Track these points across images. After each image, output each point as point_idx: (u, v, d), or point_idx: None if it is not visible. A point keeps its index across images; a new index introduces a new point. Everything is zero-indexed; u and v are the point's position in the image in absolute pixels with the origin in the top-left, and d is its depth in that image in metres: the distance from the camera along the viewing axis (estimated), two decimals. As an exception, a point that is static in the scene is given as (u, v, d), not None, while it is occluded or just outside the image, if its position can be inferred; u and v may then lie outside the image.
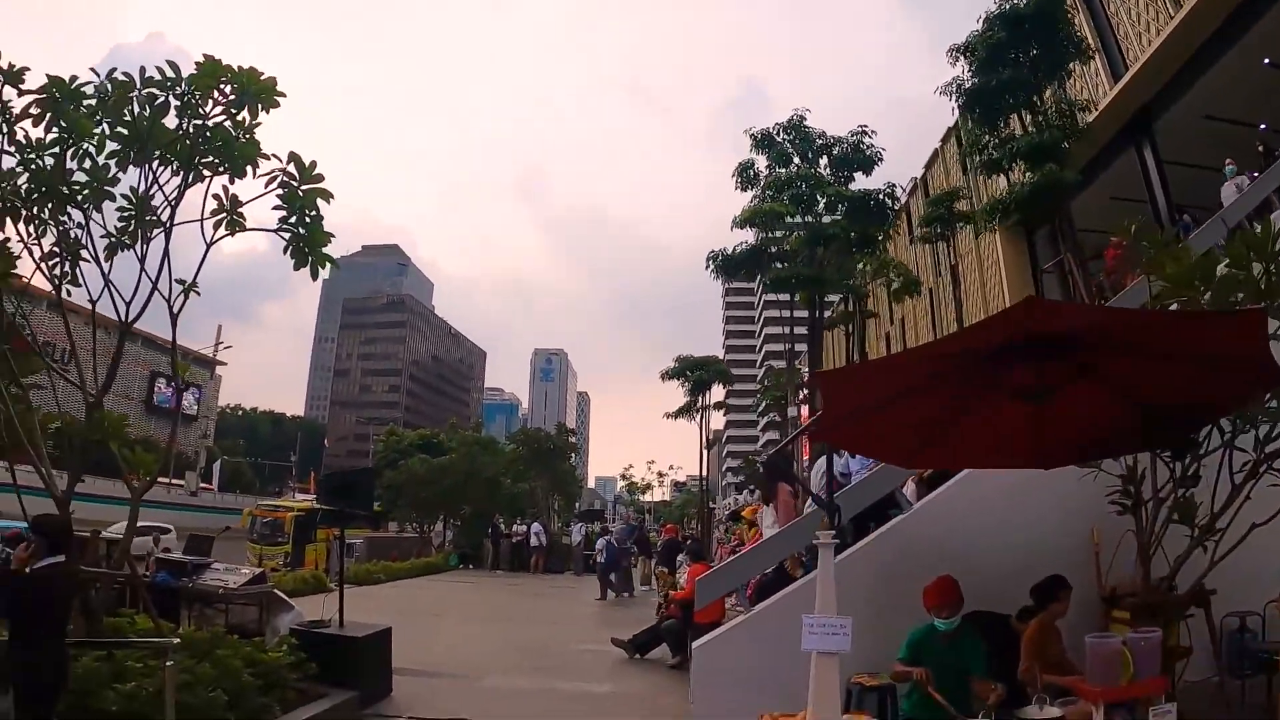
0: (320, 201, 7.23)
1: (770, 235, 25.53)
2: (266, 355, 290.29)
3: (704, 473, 50.71)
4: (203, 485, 75.56)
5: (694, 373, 39.25)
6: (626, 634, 11.87)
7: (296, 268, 7.26)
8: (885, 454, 6.64)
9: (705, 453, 48.30)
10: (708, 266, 26.17)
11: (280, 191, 7.21)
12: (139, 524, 7.66)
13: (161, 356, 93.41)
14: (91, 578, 7.00)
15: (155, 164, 7.19)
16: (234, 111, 6.97)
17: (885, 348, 42.94)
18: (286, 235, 7.26)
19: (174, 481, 71.58)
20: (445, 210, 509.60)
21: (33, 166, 7.11)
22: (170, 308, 7.35)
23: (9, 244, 7.65)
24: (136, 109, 6.97)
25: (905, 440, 5.37)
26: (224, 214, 7.31)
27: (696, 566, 11.31)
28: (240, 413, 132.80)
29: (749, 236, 26.06)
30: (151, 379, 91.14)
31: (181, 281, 7.36)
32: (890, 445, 5.71)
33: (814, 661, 5.00)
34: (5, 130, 6.99)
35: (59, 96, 6.81)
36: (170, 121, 7.06)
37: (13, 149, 7.08)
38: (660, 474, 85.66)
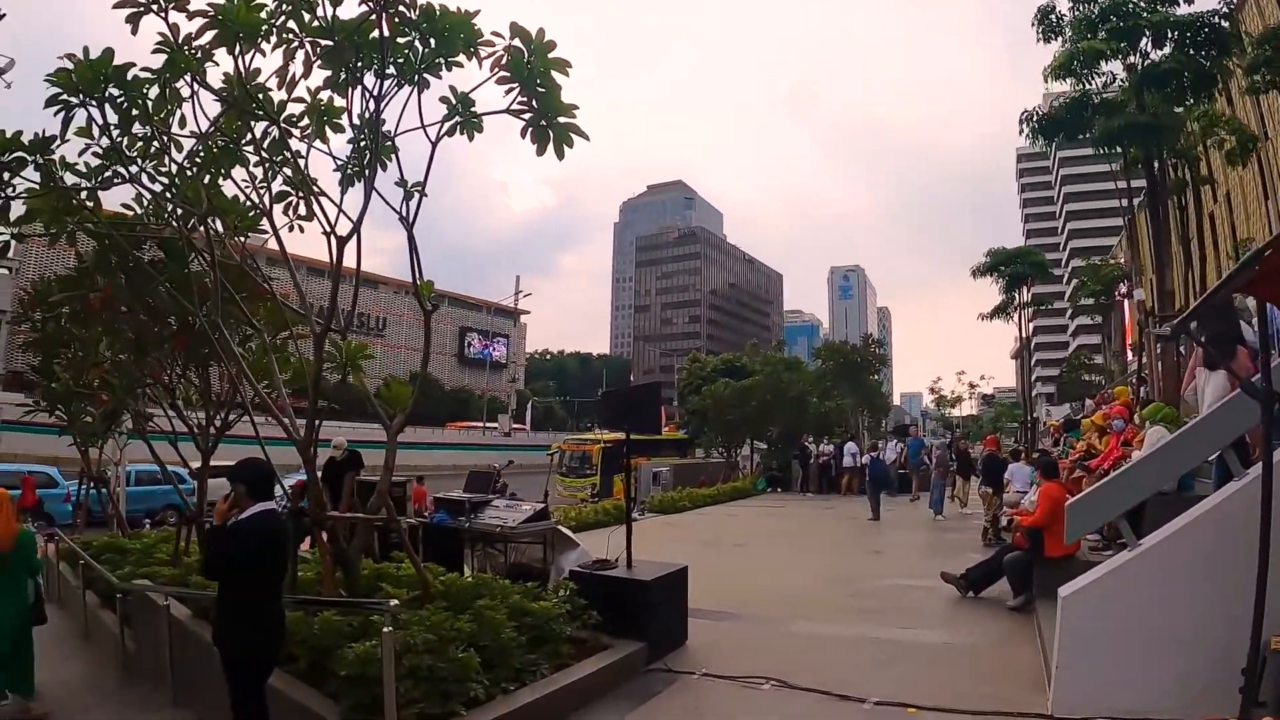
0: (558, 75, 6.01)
1: (1090, 80, 21.26)
2: (569, 301, 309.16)
3: (1024, 374, 46.17)
4: (516, 426, 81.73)
5: (1007, 267, 35.10)
6: (956, 567, 10.06)
7: (540, 152, 6.13)
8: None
9: (1025, 354, 44.04)
10: (1021, 131, 22.40)
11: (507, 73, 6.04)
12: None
13: (469, 313, 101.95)
14: (328, 525, 6.33)
15: (359, 65, 6.28)
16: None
17: (1210, 229, 36.12)
18: (526, 116, 6.12)
19: (488, 424, 77.92)
20: (723, 140, 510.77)
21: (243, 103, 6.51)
22: (403, 220, 6.49)
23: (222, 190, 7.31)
24: (323, 10, 6.05)
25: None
26: (454, 117, 6.35)
27: (1050, 485, 9.04)
28: (549, 357, 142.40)
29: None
30: (461, 334, 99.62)
31: (404, 182, 6.48)
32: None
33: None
34: (181, 64, 6.29)
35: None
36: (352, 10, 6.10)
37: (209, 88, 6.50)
38: (971, 385, 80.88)
